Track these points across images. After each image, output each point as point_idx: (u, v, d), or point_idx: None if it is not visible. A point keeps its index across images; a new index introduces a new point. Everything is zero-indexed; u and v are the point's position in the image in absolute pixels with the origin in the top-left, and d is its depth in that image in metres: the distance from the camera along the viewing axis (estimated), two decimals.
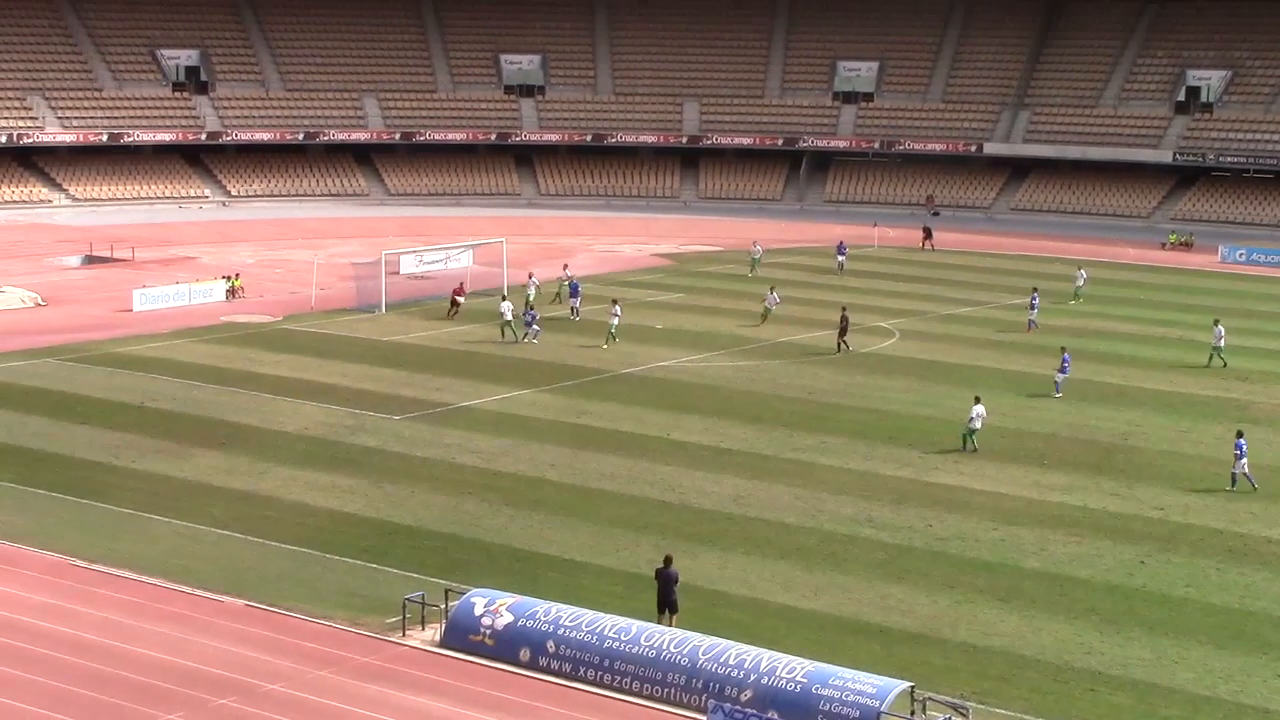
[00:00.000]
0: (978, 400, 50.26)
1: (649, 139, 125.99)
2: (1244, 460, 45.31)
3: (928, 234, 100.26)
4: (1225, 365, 62.62)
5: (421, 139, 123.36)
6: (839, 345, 64.80)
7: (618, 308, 65.91)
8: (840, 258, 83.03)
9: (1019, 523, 42.01)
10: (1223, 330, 63.71)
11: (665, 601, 33.34)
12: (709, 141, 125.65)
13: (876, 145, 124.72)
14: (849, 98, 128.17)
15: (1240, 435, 46.24)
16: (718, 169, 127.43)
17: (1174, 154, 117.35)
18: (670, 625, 32.66)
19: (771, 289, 71.65)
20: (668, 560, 33.89)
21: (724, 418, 53.07)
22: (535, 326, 65.73)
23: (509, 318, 65.80)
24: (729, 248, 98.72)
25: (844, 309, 67.12)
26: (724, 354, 64.25)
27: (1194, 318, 75.67)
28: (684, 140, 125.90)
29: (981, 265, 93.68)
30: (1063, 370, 57.87)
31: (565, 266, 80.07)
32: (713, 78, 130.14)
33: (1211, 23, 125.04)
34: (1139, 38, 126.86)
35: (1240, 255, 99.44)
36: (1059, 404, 56.00)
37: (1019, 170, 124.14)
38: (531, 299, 71.48)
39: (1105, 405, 56.25)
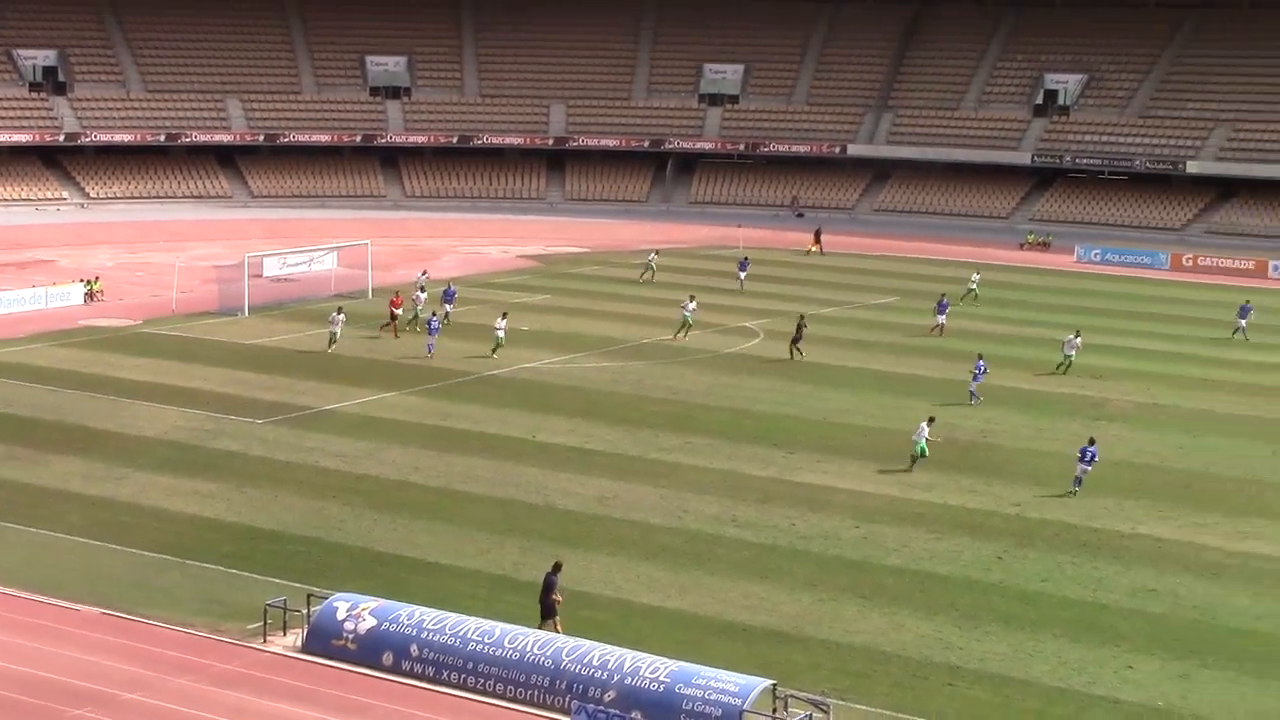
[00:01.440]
0: (931, 420, 48.91)
1: (515, 141, 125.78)
2: (1087, 467, 45.62)
3: (817, 237, 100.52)
4: (1064, 372, 62.41)
5: (285, 141, 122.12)
6: (792, 352, 63.76)
7: (504, 321, 63.99)
8: (741, 274, 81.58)
9: (880, 520, 42.47)
10: (1079, 342, 63.78)
11: (545, 606, 33.14)
12: (575, 143, 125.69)
13: (742, 147, 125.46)
14: (714, 100, 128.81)
15: (1092, 442, 46.43)
16: (584, 171, 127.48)
17: (1032, 156, 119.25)
18: (555, 631, 32.39)
19: (691, 297, 69.80)
20: (556, 566, 33.67)
21: (589, 419, 53.10)
22: (432, 339, 62.80)
23: (337, 328, 63.73)
24: (595, 249, 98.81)
25: (802, 317, 66.21)
26: (590, 355, 64.29)
27: (1053, 317, 76.98)
28: (550, 142, 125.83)
29: (845, 266, 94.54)
30: (977, 377, 57.39)
31: (424, 272, 78.91)
32: (579, 80, 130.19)
33: (1069, 27, 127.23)
34: (999, 42, 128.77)
35: (1096, 255, 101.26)
36: (919, 403, 56.57)
37: (882, 172, 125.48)
38: (420, 302, 69.62)
39: (964, 403, 56.97)
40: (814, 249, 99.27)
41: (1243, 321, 72.88)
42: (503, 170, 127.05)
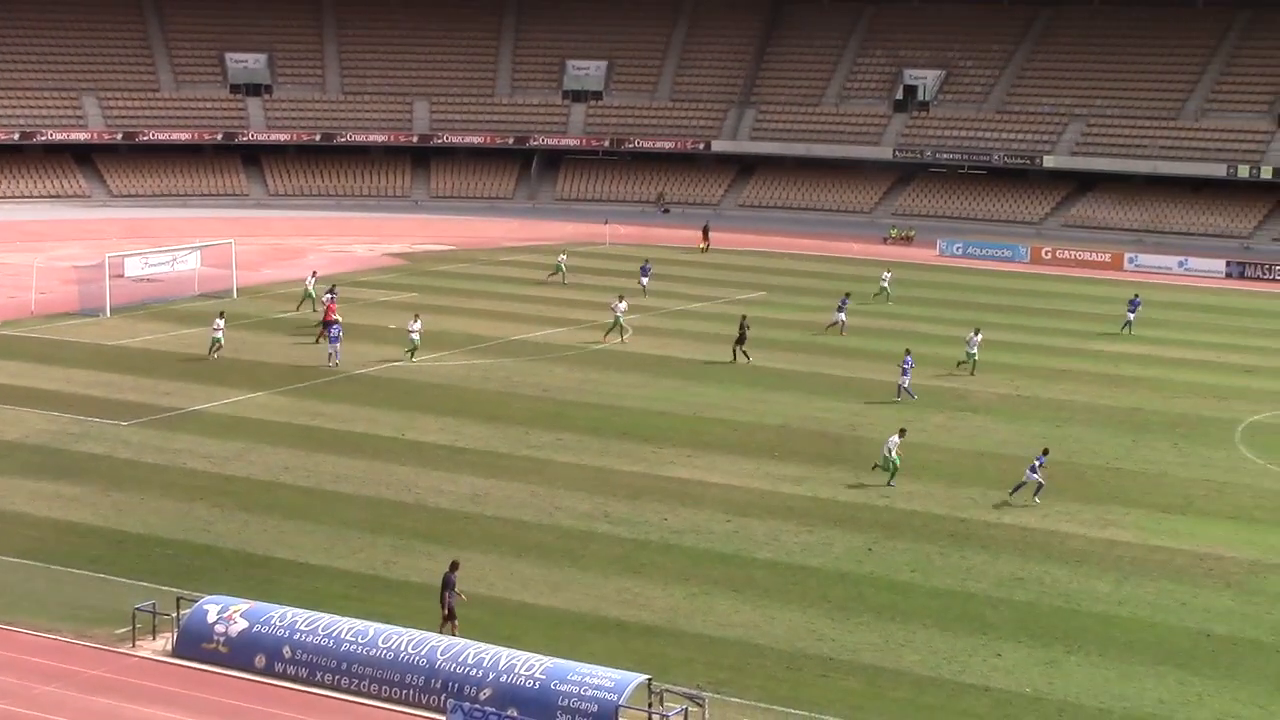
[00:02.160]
0: (902, 432, 47.52)
1: (379, 138, 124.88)
2: (1034, 477, 44.87)
3: (705, 233, 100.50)
4: (971, 373, 62.62)
5: (145, 139, 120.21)
6: (735, 354, 62.92)
7: (419, 323, 62.52)
8: (644, 279, 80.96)
9: (751, 514, 42.74)
10: (979, 340, 63.28)
11: (445, 607, 32.90)
12: (440, 141, 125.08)
13: (606, 144, 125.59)
14: (578, 96, 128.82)
15: (1045, 452, 45.60)
16: (449, 168, 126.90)
17: (894, 151, 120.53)
18: (452, 633, 32.17)
19: (620, 297, 69.34)
20: (453, 565, 33.44)
21: (459, 416, 52.91)
22: (337, 344, 60.80)
23: (220, 334, 61.82)
24: (461, 246, 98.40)
25: (744, 318, 65.56)
26: (459, 353, 64.03)
27: (916, 310, 77.88)
28: (414, 139, 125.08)
29: (711, 261, 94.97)
30: (905, 373, 57.33)
31: (314, 272, 77.18)
32: (442, 77, 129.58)
33: (926, 24, 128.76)
34: (858, 38, 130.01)
35: (957, 249, 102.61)
36: (788, 397, 57.03)
37: (746, 167, 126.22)
38: (311, 293, 68.51)
39: (833, 397, 57.51)
40: (704, 246, 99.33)
41: (1131, 315, 73.58)
42: (367, 168, 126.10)
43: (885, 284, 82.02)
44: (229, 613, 32.10)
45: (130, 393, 55.25)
